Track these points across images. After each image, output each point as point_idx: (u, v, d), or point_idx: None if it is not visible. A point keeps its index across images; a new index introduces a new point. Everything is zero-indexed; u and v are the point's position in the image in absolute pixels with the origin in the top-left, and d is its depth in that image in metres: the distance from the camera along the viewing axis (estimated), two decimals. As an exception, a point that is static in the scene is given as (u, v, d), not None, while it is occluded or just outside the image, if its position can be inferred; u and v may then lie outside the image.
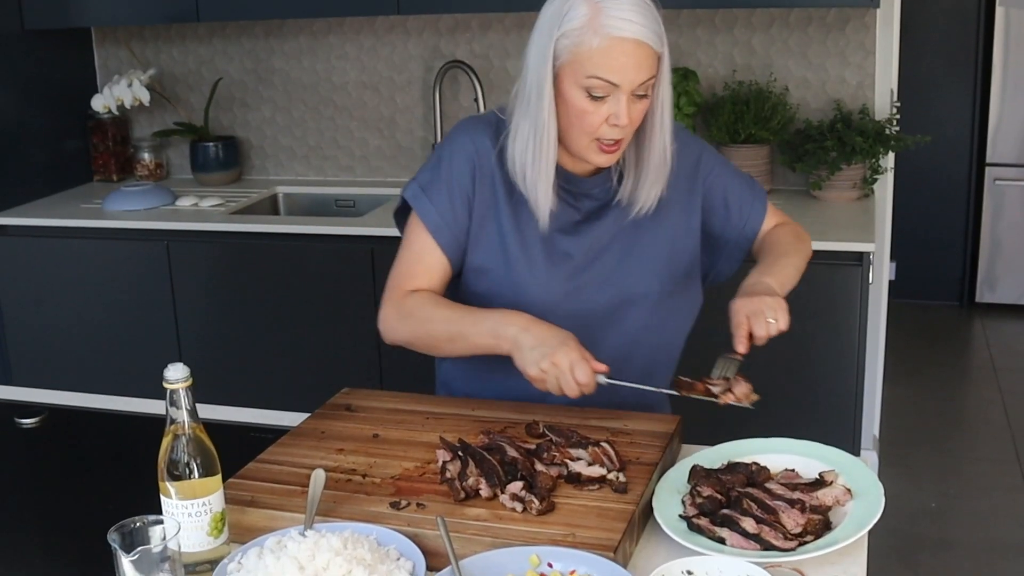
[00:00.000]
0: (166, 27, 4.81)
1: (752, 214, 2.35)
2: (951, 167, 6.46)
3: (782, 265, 2.24)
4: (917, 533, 4.05)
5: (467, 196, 2.21)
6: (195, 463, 1.63)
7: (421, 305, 2.20)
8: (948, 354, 5.88)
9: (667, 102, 2.11)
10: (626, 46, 1.98)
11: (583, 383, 1.96)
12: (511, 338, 2.04)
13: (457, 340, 2.14)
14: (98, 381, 3.98)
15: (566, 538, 1.66)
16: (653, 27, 2.00)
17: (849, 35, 4.03)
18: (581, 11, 1.98)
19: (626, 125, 2.04)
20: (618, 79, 2.00)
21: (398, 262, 2.28)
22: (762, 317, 2.03)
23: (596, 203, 2.23)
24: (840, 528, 1.72)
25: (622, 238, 2.24)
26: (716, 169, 2.33)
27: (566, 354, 1.97)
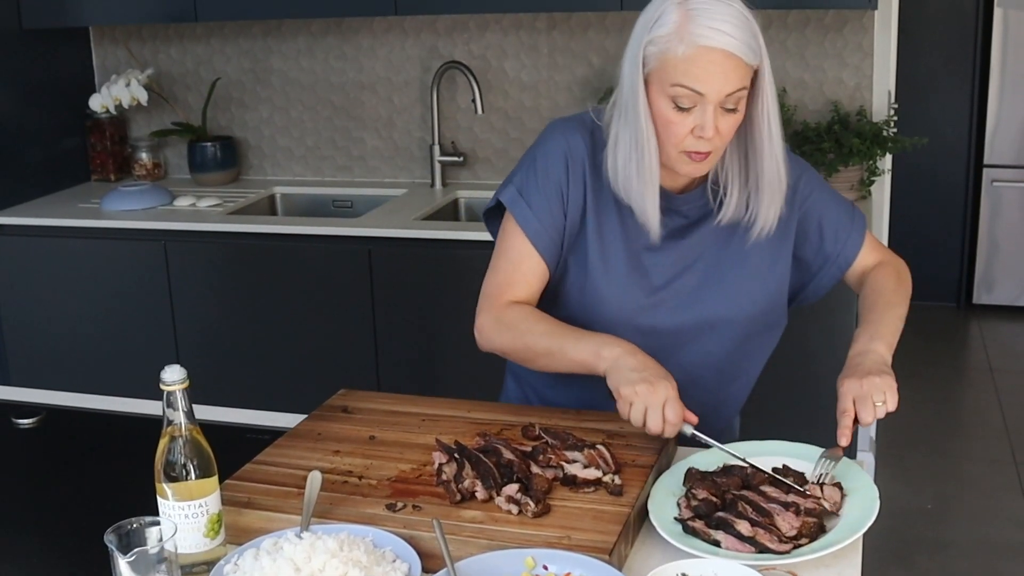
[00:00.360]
0: (164, 27, 4.81)
1: (848, 244, 2.27)
2: (949, 169, 6.47)
3: (889, 320, 2.16)
4: (913, 534, 4.06)
5: (562, 197, 2.17)
6: (192, 464, 1.63)
7: (523, 318, 2.15)
8: (945, 355, 5.89)
9: (774, 116, 2.04)
10: (713, 55, 1.93)
11: (670, 421, 1.92)
12: (612, 359, 2.00)
13: (556, 355, 2.10)
14: (95, 381, 3.99)
15: (561, 540, 1.66)
16: (746, 39, 1.94)
17: (847, 37, 4.03)
18: (671, 17, 1.95)
19: (713, 137, 1.98)
20: (703, 88, 1.94)
21: (495, 269, 2.23)
22: (869, 401, 1.96)
23: (684, 221, 2.18)
24: (835, 531, 1.73)
25: (707, 259, 2.19)
26: (815, 193, 2.25)
27: (666, 388, 1.93)
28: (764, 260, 2.20)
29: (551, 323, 2.14)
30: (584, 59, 4.33)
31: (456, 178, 4.58)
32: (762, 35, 1.98)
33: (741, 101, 1.99)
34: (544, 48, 4.36)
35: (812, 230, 2.25)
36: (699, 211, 2.17)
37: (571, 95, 4.38)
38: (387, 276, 3.96)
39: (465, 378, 3.86)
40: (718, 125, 1.98)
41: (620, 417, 2.07)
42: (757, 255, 2.18)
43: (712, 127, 1.97)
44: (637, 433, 2.01)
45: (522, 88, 4.43)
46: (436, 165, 4.52)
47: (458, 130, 4.54)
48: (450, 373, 3.95)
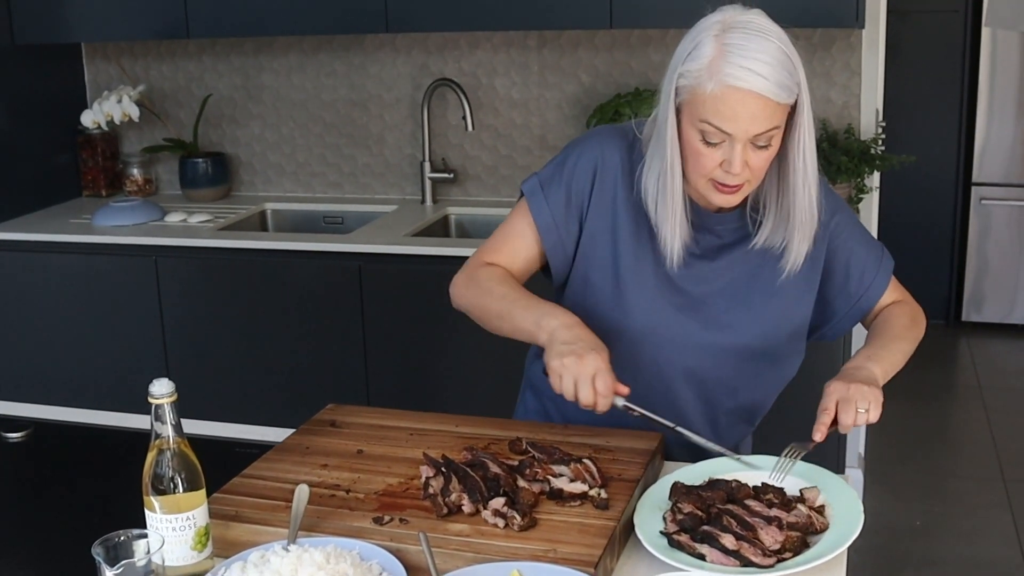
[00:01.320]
0: (156, 43, 4.83)
1: (872, 288, 2.24)
2: (937, 186, 6.48)
3: (891, 351, 2.14)
4: (901, 550, 4.06)
5: (582, 204, 2.17)
6: (179, 478, 1.64)
7: (488, 277, 2.17)
8: (934, 373, 5.89)
9: (809, 151, 1.99)
10: (741, 96, 1.88)
11: (600, 392, 1.92)
12: (550, 330, 2.00)
13: (504, 319, 2.11)
14: (85, 396, 3.99)
15: (547, 554, 1.67)
16: (779, 78, 1.88)
17: (835, 55, 4.06)
18: (706, 51, 1.91)
19: (740, 173, 1.95)
20: (731, 129, 1.90)
21: (491, 237, 2.26)
22: (852, 406, 1.95)
23: (718, 241, 2.15)
24: (819, 545, 1.74)
25: (738, 283, 2.16)
26: (846, 231, 2.21)
27: (594, 360, 1.93)
28: (793, 291, 2.17)
29: (511, 287, 2.15)
30: (574, 77, 4.35)
31: (447, 195, 4.60)
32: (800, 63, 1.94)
33: (775, 138, 1.95)
34: (534, 66, 4.38)
35: (838, 269, 2.22)
36: (734, 233, 2.15)
37: (561, 113, 4.40)
38: (377, 292, 3.97)
39: (455, 393, 3.88)
40: (748, 161, 1.94)
41: (606, 432, 2.09)
42: (787, 286, 2.16)
43: (740, 164, 1.93)
44: (624, 447, 2.03)
45: (512, 105, 4.45)
46: (427, 182, 4.53)
47: (449, 147, 4.56)
48: (440, 389, 3.96)
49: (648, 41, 4.19)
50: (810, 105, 1.97)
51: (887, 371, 2.11)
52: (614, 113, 4.07)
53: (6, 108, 4.51)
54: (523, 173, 4.43)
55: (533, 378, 2.42)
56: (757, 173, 1.98)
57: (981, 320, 6.51)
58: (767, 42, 1.89)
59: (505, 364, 2.32)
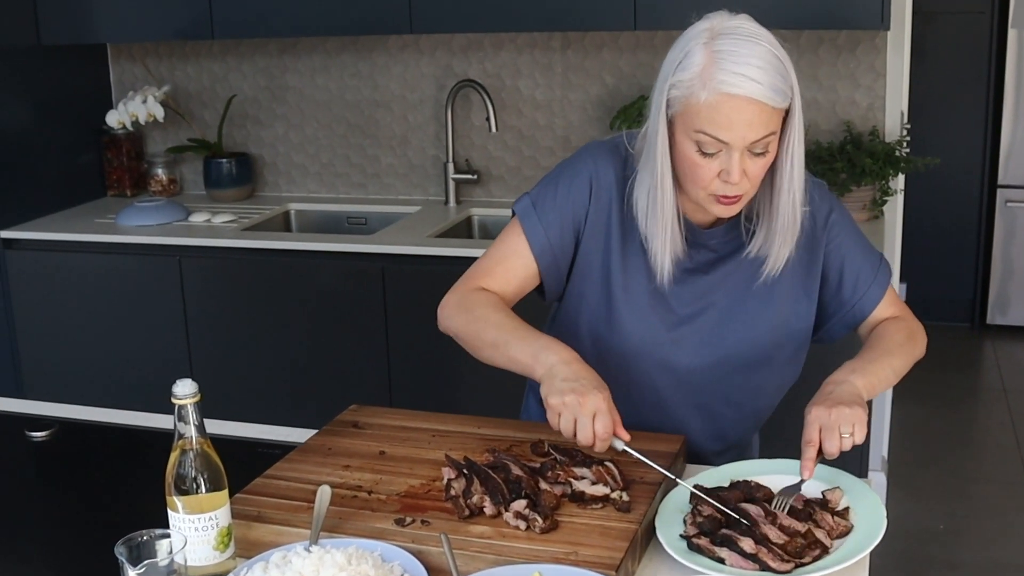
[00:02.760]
0: (181, 44, 4.84)
1: (866, 296, 2.20)
2: (962, 189, 6.46)
3: (880, 365, 2.07)
4: (925, 554, 4.05)
5: (578, 224, 2.13)
6: (202, 478, 1.65)
7: (482, 303, 2.13)
8: (958, 376, 5.88)
9: (797, 157, 1.98)
10: (737, 103, 1.86)
11: (599, 435, 1.87)
12: (548, 365, 1.95)
13: (499, 348, 2.06)
14: (109, 395, 4.01)
15: (568, 556, 1.67)
16: (773, 83, 1.87)
17: (860, 57, 4.04)
18: (696, 59, 1.88)
19: (739, 182, 1.93)
20: (727, 137, 1.88)
21: (482, 258, 2.22)
22: (836, 432, 1.88)
23: (712, 255, 2.13)
24: (840, 549, 1.73)
25: (732, 295, 2.14)
26: (841, 236, 2.18)
27: (595, 400, 1.88)
28: (790, 299, 2.15)
29: (507, 316, 2.09)
30: (598, 78, 4.35)
31: (470, 196, 4.60)
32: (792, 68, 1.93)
33: (771, 144, 1.93)
34: (558, 67, 4.38)
35: (832, 275, 2.19)
36: (728, 245, 2.13)
37: (584, 114, 4.40)
38: (401, 293, 3.97)
39: (478, 395, 3.87)
40: (746, 168, 1.92)
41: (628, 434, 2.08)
42: (782, 293, 2.14)
43: (738, 173, 1.91)
44: (646, 450, 2.00)
45: (536, 107, 4.45)
46: (450, 183, 4.54)
47: (472, 148, 4.56)
48: (463, 390, 3.96)
49: (672, 42, 4.17)
50: (801, 109, 1.95)
51: (873, 385, 2.04)
52: (638, 115, 4.07)
53: (32, 108, 4.53)
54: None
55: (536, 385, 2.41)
56: (755, 181, 1.96)
57: (1006, 323, 6.49)
58: (758, 46, 1.88)
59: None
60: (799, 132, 1.97)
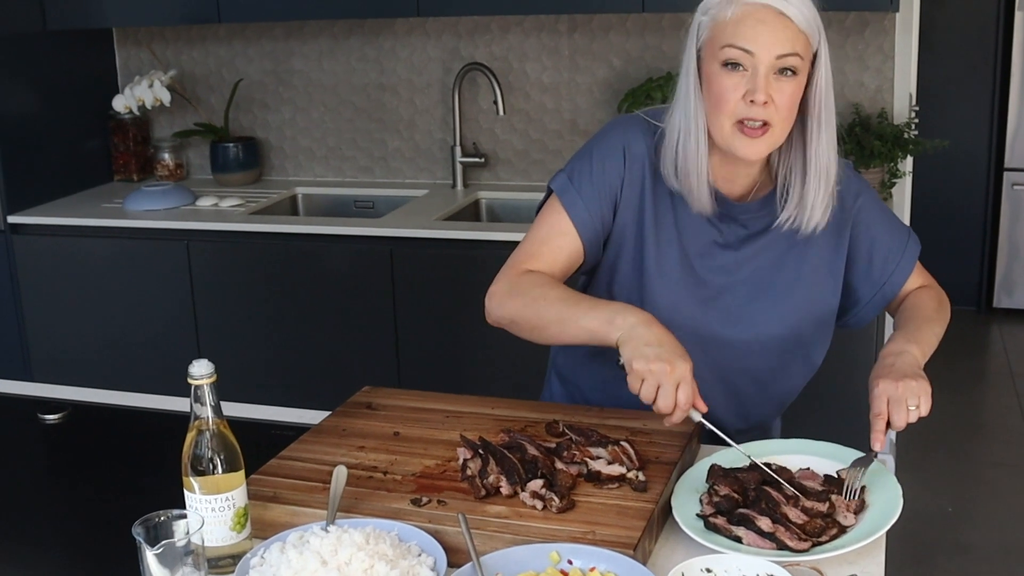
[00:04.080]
0: (187, 28, 4.84)
1: (896, 273, 2.21)
2: (969, 172, 6.44)
3: (926, 332, 2.10)
4: (933, 537, 4.05)
5: (615, 194, 2.13)
6: (219, 459, 1.65)
7: (537, 283, 2.08)
8: (965, 359, 5.86)
9: (827, 104, 2.00)
10: (762, 13, 1.90)
11: (681, 405, 1.86)
12: (627, 327, 1.91)
13: (566, 322, 2.00)
14: (117, 379, 4.00)
15: (586, 535, 1.67)
16: (800, 5, 1.91)
17: (868, 39, 4.03)
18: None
19: (766, 104, 1.92)
20: (752, 46, 1.90)
21: (524, 242, 2.17)
22: (903, 405, 1.91)
23: (744, 231, 2.13)
24: (857, 528, 1.73)
25: (761, 273, 2.14)
26: (870, 215, 2.18)
27: (682, 369, 1.85)
28: (817, 278, 2.16)
29: (565, 289, 2.06)
30: (605, 61, 4.34)
31: (477, 179, 4.59)
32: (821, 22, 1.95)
33: (799, 71, 1.94)
34: (565, 50, 4.37)
35: (862, 255, 2.19)
36: (760, 222, 2.13)
37: (592, 97, 4.39)
38: (408, 276, 3.97)
39: (486, 378, 3.88)
40: (771, 92, 1.92)
41: (643, 415, 2.08)
42: (810, 270, 2.14)
43: (764, 90, 1.91)
44: (661, 430, 2.02)
45: (543, 90, 4.44)
46: (457, 166, 4.53)
47: (479, 131, 4.55)
48: (471, 373, 3.96)
49: (680, 25, 4.17)
50: (828, 62, 1.97)
51: (926, 352, 2.07)
52: (646, 97, 4.06)
53: (38, 93, 4.53)
54: (554, 157, 4.43)
55: (560, 364, 2.41)
56: (782, 112, 1.95)
57: (1013, 306, 6.47)
58: None
59: (534, 349, 2.30)
60: (827, 81, 1.98)
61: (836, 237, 2.15)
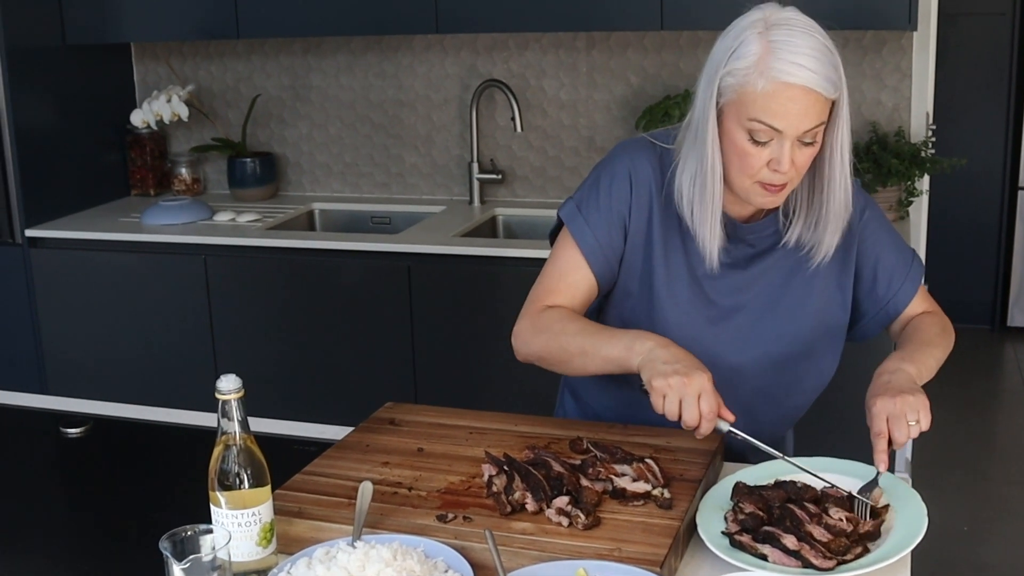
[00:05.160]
0: (205, 43, 4.85)
1: (900, 293, 2.22)
2: (983, 190, 6.45)
3: (925, 355, 2.11)
4: (949, 556, 4.04)
5: (623, 220, 2.14)
6: (245, 473, 1.65)
7: (557, 319, 2.12)
8: (979, 378, 5.86)
9: (846, 146, 2.01)
10: (793, 92, 1.89)
11: (705, 414, 1.88)
12: (645, 352, 1.96)
13: (589, 353, 2.05)
14: (133, 393, 4.00)
15: (612, 552, 1.67)
16: (826, 73, 1.90)
17: (885, 58, 4.04)
18: (752, 49, 1.91)
19: (788, 171, 1.95)
20: (782, 125, 1.91)
21: (541, 277, 2.21)
22: (903, 421, 1.91)
23: (751, 250, 2.15)
24: (882, 547, 1.73)
25: (770, 290, 2.16)
26: (875, 234, 2.20)
27: (700, 380, 1.89)
28: (825, 293, 2.17)
29: (584, 322, 2.11)
30: (623, 78, 4.35)
31: (494, 195, 4.60)
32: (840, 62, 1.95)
33: (819, 134, 1.96)
34: (583, 67, 4.38)
35: (867, 272, 2.21)
36: (766, 240, 2.15)
37: (609, 114, 4.40)
38: (426, 292, 3.98)
39: (504, 394, 3.88)
40: (794, 158, 1.95)
41: (667, 433, 2.09)
42: (818, 288, 2.16)
43: (788, 162, 1.93)
44: (685, 448, 2.02)
45: (561, 107, 4.45)
46: (475, 182, 4.54)
47: (497, 148, 4.56)
48: (488, 389, 3.96)
49: (698, 43, 4.18)
50: (848, 104, 1.98)
51: (922, 373, 2.07)
52: (663, 115, 4.06)
53: (57, 107, 4.54)
54: (571, 174, 4.44)
55: (573, 382, 2.42)
56: (800, 171, 1.99)
57: (1027, 325, 6.47)
58: (812, 38, 1.91)
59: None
60: (846, 122, 1.99)
61: (843, 253, 2.16)
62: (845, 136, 2.00)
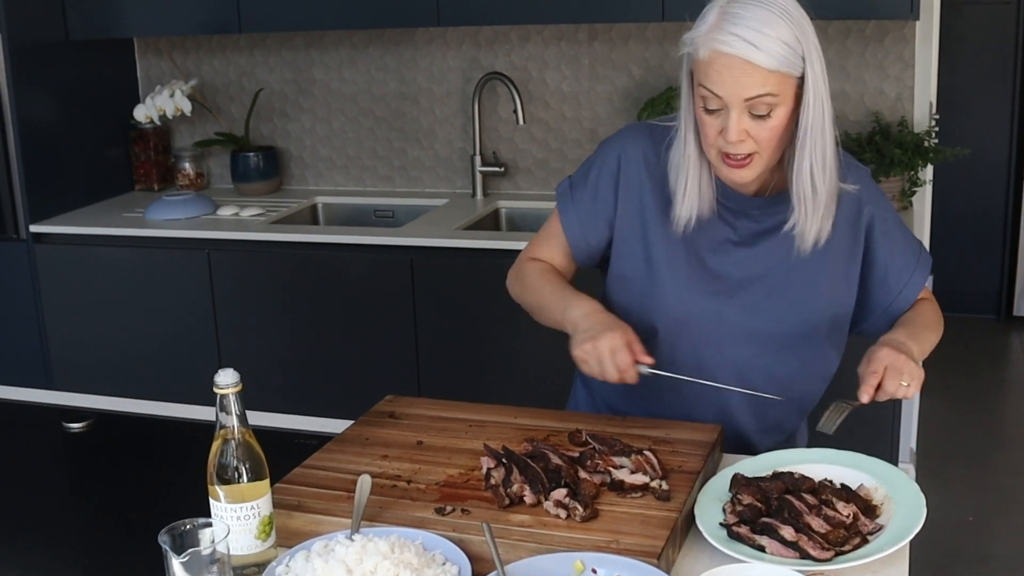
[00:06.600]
0: (208, 38, 4.85)
1: (909, 286, 2.22)
2: (989, 180, 6.43)
3: (924, 337, 2.14)
4: (954, 547, 4.04)
5: (609, 202, 2.23)
6: (244, 467, 1.65)
7: (532, 273, 2.28)
8: (985, 368, 5.85)
9: (816, 129, 2.00)
10: (728, 61, 1.91)
11: (622, 368, 1.99)
12: (573, 320, 2.08)
13: (543, 312, 2.21)
14: (138, 388, 4.01)
15: (610, 544, 1.67)
16: (770, 46, 1.90)
17: (888, 47, 4.03)
18: (708, 19, 1.95)
19: (739, 142, 1.96)
20: (719, 91, 1.93)
21: (538, 233, 2.37)
22: (898, 376, 1.96)
23: (758, 227, 2.15)
24: (880, 538, 1.73)
25: (777, 272, 2.15)
26: (884, 226, 2.19)
27: (609, 339, 1.99)
28: (832, 282, 2.17)
29: (546, 281, 2.25)
30: (625, 70, 4.34)
31: (497, 188, 4.60)
32: (815, 43, 1.97)
33: (776, 108, 1.95)
34: (585, 59, 4.38)
35: (877, 264, 2.20)
36: (772, 219, 2.14)
37: (612, 106, 4.39)
38: (429, 285, 3.98)
39: (507, 387, 3.88)
40: (749, 130, 1.96)
41: (666, 424, 2.09)
42: (824, 273, 2.16)
43: (735, 131, 1.95)
44: (684, 439, 2.03)
45: (563, 99, 4.45)
46: (477, 175, 4.54)
47: (499, 140, 4.56)
48: (491, 382, 3.96)
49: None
50: (824, 82, 2.00)
51: (923, 352, 2.11)
52: (665, 106, 4.06)
53: (60, 103, 4.55)
54: (573, 167, 4.43)
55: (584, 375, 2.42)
56: (764, 144, 1.99)
57: (1033, 315, 6.46)
58: (765, 11, 1.92)
59: (556, 357, 2.33)
60: (816, 105, 1.99)
61: (852, 243, 2.17)
62: (814, 119, 2.00)
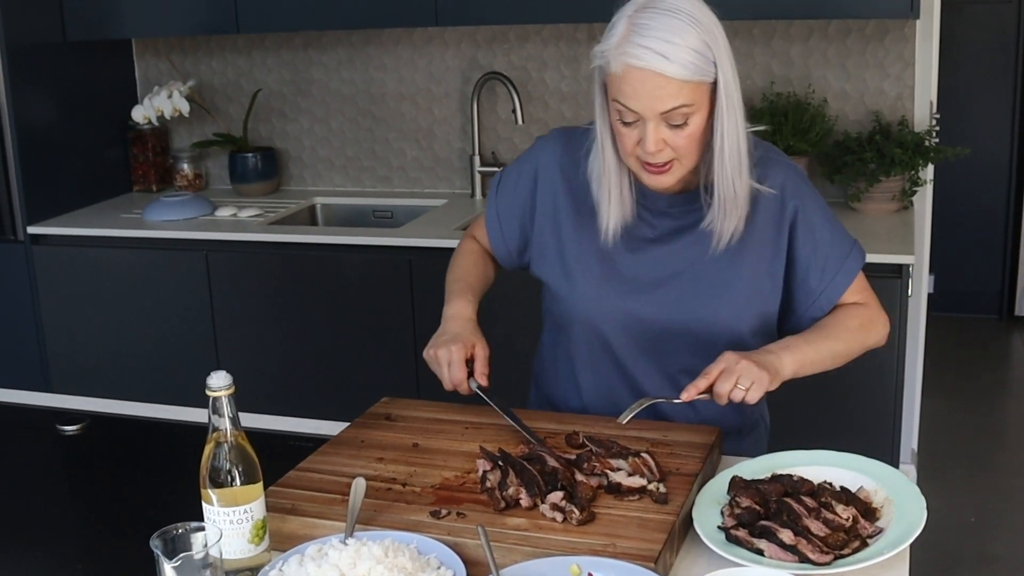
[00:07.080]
0: (206, 39, 4.84)
1: (832, 285, 2.16)
2: (990, 179, 6.41)
3: (816, 348, 2.09)
4: (956, 547, 4.02)
5: (524, 205, 2.27)
6: (237, 471, 1.64)
7: (462, 252, 2.43)
8: (987, 368, 5.83)
9: (728, 130, 1.98)
10: (640, 75, 1.89)
11: (454, 382, 2.13)
12: (443, 318, 2.25)
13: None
14: (136, 389, 4.01)
15: (606, 548, 1.66)
16: (681, 57, 1.88)
17: (888, 46, 4.01)
18: (617, 30, 1.92)
19: (658, 152, 1.96)
20: (634, 105, 1.93)
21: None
22: (733, 379, 1.95)
23: (675, 224, 2.14)
24: (881, 541, 1.72)
25: (694, 267, 2.13)
26: (808, 222, 2.14)
27: (447, 351, 2.13)
28: (756, 277, 2.14)
29: (459, 265, 2.40)
30: (624, 70, 4.32)
31: (496, 189, 4.58)
32: (725, 46, 1.96)
33: (692, 116, 1.95)
34: (584, 59, 4.36)
35: (800, 262, 2.15)
36: (689, 216, 2.14)
37: (611, 106, 4.37)
38: (427, 286, 3.96)
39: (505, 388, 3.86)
40: (667, 139, 1.96)
41: (664, 427, 2.08)
42: (745, 271, 2.12)
43: (653, 142, 1.95)
44: (682, 442, 2.02)
45: (562, 99, 4.43)
46: (476, 175, 4.53)
47: (498, 140, 4.54)
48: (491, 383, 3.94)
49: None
50: (735, 84, 1.98)
51: (803, 365, 2.07)
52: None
53: (58, 104, 4.54)
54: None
55: (536, 370, 2.49)
56: (682, 151, 1.99)
57: (1034, 315, 6.44)
58: (674, 20, 1.90)
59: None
60: (728, 107, 1.98)
61: (775, 239, 2.14)
62: (727, 122, 1.99)
